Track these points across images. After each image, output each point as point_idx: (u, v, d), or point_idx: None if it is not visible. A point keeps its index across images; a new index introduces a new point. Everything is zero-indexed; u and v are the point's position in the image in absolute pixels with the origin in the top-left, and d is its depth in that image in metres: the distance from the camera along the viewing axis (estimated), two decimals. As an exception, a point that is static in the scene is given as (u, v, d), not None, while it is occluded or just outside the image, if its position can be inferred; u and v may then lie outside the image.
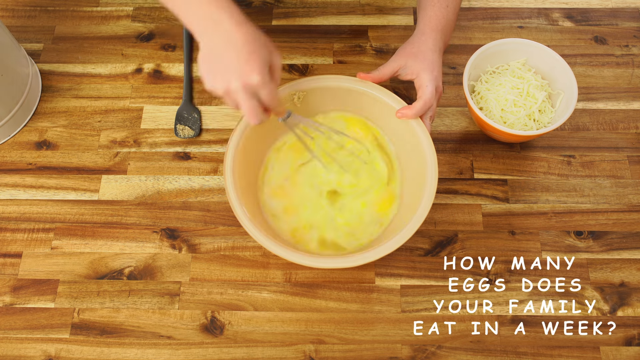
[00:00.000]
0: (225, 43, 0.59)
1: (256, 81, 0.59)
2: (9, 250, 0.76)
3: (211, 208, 0.79)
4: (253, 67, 0.58)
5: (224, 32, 0.59)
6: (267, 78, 0.60)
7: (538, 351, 0.70)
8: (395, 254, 0.71)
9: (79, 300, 0.73)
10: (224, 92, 0.60)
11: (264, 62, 0.59)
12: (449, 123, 0.84)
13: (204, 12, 0.59)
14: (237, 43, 0.58)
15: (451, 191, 0.79)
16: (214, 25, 0.59)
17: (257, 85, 0.59)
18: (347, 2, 0.95)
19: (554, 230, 0.77)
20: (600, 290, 0.73)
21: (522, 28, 0.92)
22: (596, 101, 0.86)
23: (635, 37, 0.91)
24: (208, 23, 0.59)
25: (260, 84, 0.59)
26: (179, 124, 0.84)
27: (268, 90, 0.60)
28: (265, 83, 0.59)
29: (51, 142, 0.84)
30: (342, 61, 0.90)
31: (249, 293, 0.73)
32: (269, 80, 0.60)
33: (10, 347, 0.71)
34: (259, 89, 0.60)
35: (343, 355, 0.70)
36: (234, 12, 0.59)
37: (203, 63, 0.60)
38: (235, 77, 0.59)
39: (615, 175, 0.80)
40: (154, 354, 0.70)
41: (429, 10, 0.74)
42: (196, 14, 0.60)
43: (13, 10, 0.95)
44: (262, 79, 0.59)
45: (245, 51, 0.58)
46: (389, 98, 0.74)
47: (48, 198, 0.80)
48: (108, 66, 0.89)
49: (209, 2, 0.59)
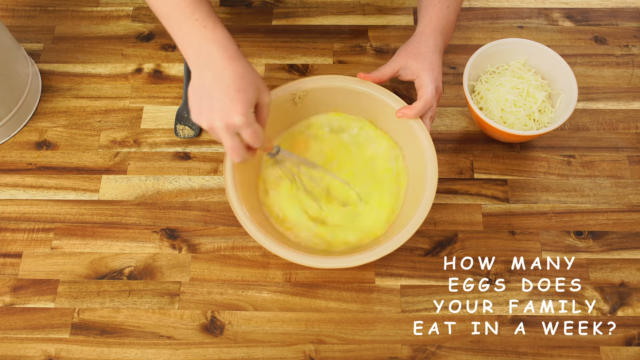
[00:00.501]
0: (214, 78, 0.59)
1: (238, 122, 0.59)
2: (9, 250, 0.76)
3: (211, 208, 0.79)
4: (237, 107, 0.58)
5: (214, 66, 0.59)
6: (251, 119, 0.60)
7: (538, 351, 0.70)
8: (395, 254, 0.71)
9: (79, 300, 0.73)
10: (208, 128, 0.60)
11: (249, 102, 0.59)
12: (449, 123, 0.84)
13: (198, 43, 0.59)
14: (226, 79, 0.59)
15: (451, 191, 0.79)
16: (206, 58, 0.59)
17: (239, 126, 0.59)
18: (347, 2, 0.95)
19: (554, 230, 0.77)
20: (600, 290, 0.73)
21: (522, 28, 0.92)
22: (596, 101, 0.86)
23: (635, 37, 0.91)
24: (201, 55, 0.59)
25: (243, 124, 0.59)
26: (179, 124, 0.84)
27: (251, 131, 0.60)
28: (248, 124, 0.59)
29: (51, 142, 0.84)
30: (342, 61, 0.90)
31: (249, 293, 0.73)
32: (252, 121, 0.60)
33: (10, 347, 0.71)
34: (241, 129, 0.60)
35: (343, 355, 0.70)
36: (227, 46, 0.60)
37: (192, 95, 0.61)
38: (218, 116, 0.59)
39: (615, 175, 0.80)
40: (154, 354, 0.70)
41: (430, 10, 0.74)
42: (191, 45, 0.60)
43: (13, 10, 0.95)
44: (245, 120, 0.59)
45: (233, 89, 0.58)
46: (389, 98, 0.74)
47: (48, 198, 0.80)
48: (108, 66, 0.89)
49: (206, 36, 0.59)
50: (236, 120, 0.58)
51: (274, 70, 0.89)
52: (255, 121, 0.61)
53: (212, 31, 0.60)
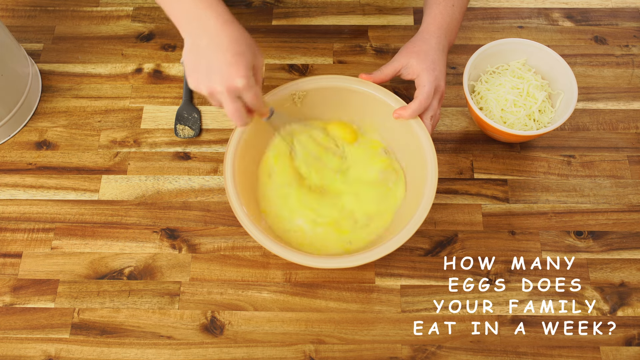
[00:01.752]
0: (210, 43, 0.58)
1: (241, 84, 0.58)
2: (9, 250, 0.76)
3: (211, 208, 0.79)
4: (238, 71, 0.58)
5: (209, 31, 0.58)
6: (252, 81, 0.60)
7: (538, 351, 0.70)
8: (395, 254, 0.71)
9: (79, 300, 0.73)
10: (208, 93, 0.60)
11: (248, 65, 0.59)
12: (449, 123, 0.84)
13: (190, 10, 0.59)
14: (222, 44, 0.58)
15: (451, 191, 0.79)
16: (200, 24, 0.59)
17: (241, 89, 0.59)
18: (347, 2, 0.95)
19: (554, 230, 0.77)
20: (600, 290, 0.73)
21: (522, 28, 0.92)
22: (596, 101, 0.86)
23: (635, 37, 0.91)
24: (194, 22, 0.59)
25: (245, 87, 0.59)
26: (179, 124, 0.84)
27: (252, 93, 0.60)
28: (249, 86, 0.59)
29: (51, 142, 0.84)
30: (342, 61, 0.90)
31: (249, 293, 0.73)
32: (253, 84, 0.60)
33: (10, 347, 0.71)
34: (243, 92, 0.60)
35: (343, 355, 0.70)
36: (221, 11, 0.59)
37: (188, 62, 0.60)
38: (219, 79, 0.58)
39: (615, 175, 0.80)
40: (154, 354, 0.70)
41: (434, 9, 0.74)
42: (182, 12, 0.59)
43: (13, 10, 0.95)
44: (247, 83, 0.59)
45: (230, 53, 0.58)
46: (389, 98, 0.74)
47: (48, 198, 0.80)
48: (108, 66, 0.89)
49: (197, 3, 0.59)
50: (238, 83, 0.58)
51: (274, 70, 0.89)
52: (255, 84, 0.61)
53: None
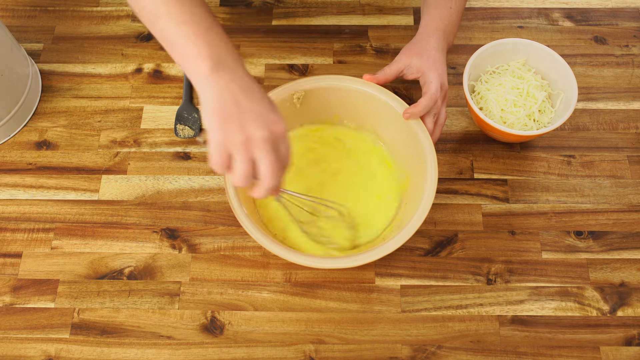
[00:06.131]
0: (242, 89, 0.52)
1: (283, 129, 0.53)
2: (9, 250, 0.76)
3: (211, 208, 0.79)
4: (278, 115, 0.53)
5: (238, 77, 0.52)
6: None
7: (538, 351, 0.70)
8: (395, 254, 0.71)
9: (79, 300, 0.73)
10: (243, 142, 0.51)
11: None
12: (449, 123, 0.84)
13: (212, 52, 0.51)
14: (255, 89, 0.53)
15: (451, 191, 0.79)
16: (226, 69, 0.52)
17: (282, 135, 0.53)
18: (347, 2, 0.95)
19: (554, 230, 0.77)
20: (600, 290, 0.73)
21: (522, 28, 0.92)
22: (596, 101, 0.86)
23: (635, 37, 0.91)
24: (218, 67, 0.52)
25: (284, 132, 0.53)
26: (179, 124, 0.84)
27: (287, 144, 0.54)
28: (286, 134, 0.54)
29: (51, 142, 0.84)
30: (342, 61, 0.90)
31: (249, 293, 0.73)
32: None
33: (10, 347, 0.71)
34: (281, 142, 0.53)
35: (343, 355, 0.70)
36: (241, 58, 0.55)
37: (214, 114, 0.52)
38: (260, 124, 0.51)
39: (615, 175, 0.80)
40: (154, 354, 0.70)
41: (432, 10, 0.75)
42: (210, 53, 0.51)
43: (13, 10, 0.95)
44: (285, 129, 0.53)
45: (268, 99, 0.53)
46: (389, 98, 0.74)
47: (48, 198, 0.80)
48: (108, 66, 0.89)
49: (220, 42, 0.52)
50: (281, 127, 0.52)
51: (274, 70, 0.89)
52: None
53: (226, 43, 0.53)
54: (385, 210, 0.75)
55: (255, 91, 0.53)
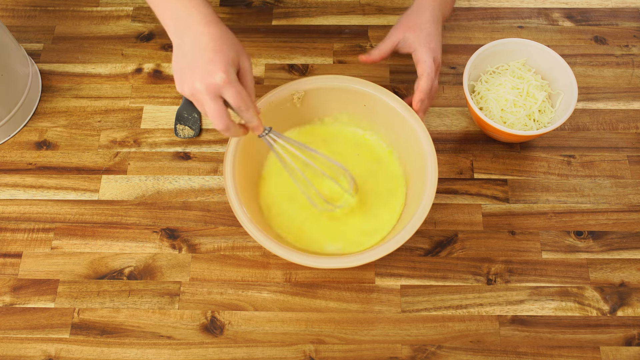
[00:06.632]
0: (192, 43, 0.58)
1: (219, 80, 0.56)
2: (9, 250, 0.76)
3: (211, 208, 0.79)
4: (216, 67, 0.56)
5: (192, 31, 0.58)
6: (233, 77, 0.58)
7: (538, 351, 0.70)
8: (395, 254, 0.71)
9: (79, 300, 0.73)
10: (190, 94, 0.59)
11: (228, 61, 0.58)
12: (449, 123, 0.84)
13: (176, 11, 0.59)
14: (202, 42, 0.57)
15: (451, 191, 0.79)
16: (184, 25, 0.59)
17: (221, 85, 0.57)
18: (347, 2, 0.95)
19: (554, 230, 0.77)
20: (600, 290, 0.73)
21: (522, 28, 0.92)
22: (596, 101, 0.86)
23: (635, 37, 0.91)
24: (179, 22, 0.59)
25: (224, 83, 0.57)
26: (179, 124, 0.84)
27: (234, 90, 0.58)
28: (229, 82, 0.57)
29: (51, 142, 0.84)
30: (342, 61, 0.90)
31: (249, 293, 0.73)
32: (234, 80, 0.58)
33: (10, 347, 0.71)
34: (223, 89, 0.57)
35: (343, 355, 0.70)
36: (205, 12, 0.59)
37: (174, 64, 0.60)
38: (198, 77, 0.57)
39: (615, 175, 0.80)
40: (154, 354, 0.70)
41: None
42: (169, 13, 0.60)
43: (13, 10, 0.95)
44: (227, 78, 0.57)
45: (210, 50, 0.57)
46: (389, 98, 0.74)
47: (48, 198, 0.80)
48: (108, 66, 0.89)
49: (184, 3, 0.59)
50: (217, 79, 0.56)
51: (274, 70, 0.89)
52: (237, 81, 0.59)
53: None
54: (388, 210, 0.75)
55: (203, 43, 0.57)
